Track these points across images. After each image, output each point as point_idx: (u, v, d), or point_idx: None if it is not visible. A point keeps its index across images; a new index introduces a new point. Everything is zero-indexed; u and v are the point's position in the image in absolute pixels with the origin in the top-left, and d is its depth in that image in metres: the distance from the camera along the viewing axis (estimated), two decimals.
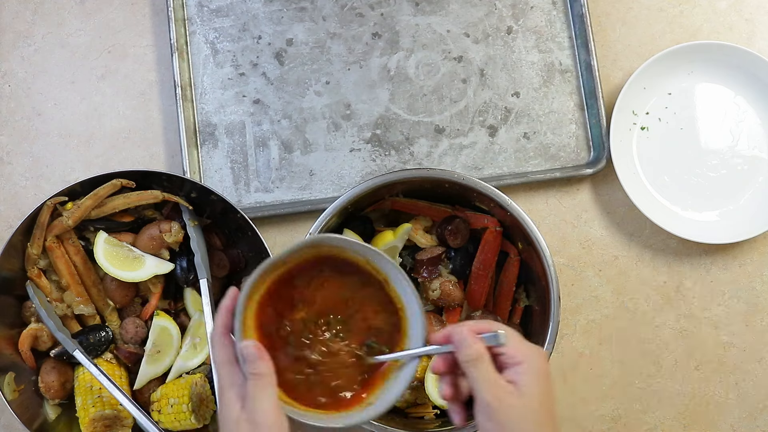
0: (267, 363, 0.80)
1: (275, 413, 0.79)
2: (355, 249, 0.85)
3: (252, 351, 0.80)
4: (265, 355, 0.80)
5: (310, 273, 0.87)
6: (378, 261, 0.85)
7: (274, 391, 0.80)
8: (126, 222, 1.12)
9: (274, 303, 0.86)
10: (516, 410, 0.79)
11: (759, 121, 1.24)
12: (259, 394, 0.79)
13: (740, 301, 1.23)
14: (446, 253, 1.11)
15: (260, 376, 0.79)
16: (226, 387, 0.81)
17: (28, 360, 1.09)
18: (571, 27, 1.26)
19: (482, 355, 0.80)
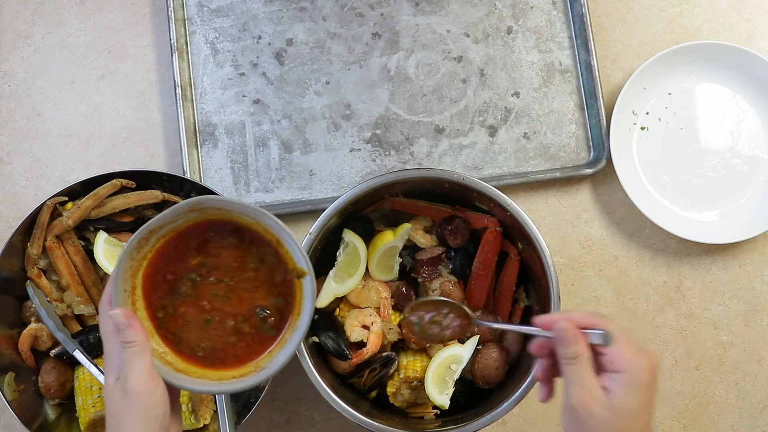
0: (137, 330, 0.79)
1: (146, 381, 0.78)
2: (242, 210, 0.84)
3: (121, 319, 0.79)
4: (136, 324, 0.80)
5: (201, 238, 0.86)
6: (267, 222, 0.84)
7: (146, 359, 0.79)
8: (126, 222, 1.12)
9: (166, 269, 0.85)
10: (599, 421, 0.75)
11: (759, 121, 1.24)
12: (130, 362, 0.78)
13: (740, 301, 1.23)
14: (446, 253, 1.11)
15: (131, 344, 0.79)
16: (107, 356, 0.81)
17: (28, 360, 1.09)
18: (571, 27, 1.26)
19: (581, 356, 0.78)
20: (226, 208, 0.84)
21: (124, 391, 0.78)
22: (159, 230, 0.84)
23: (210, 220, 0.86)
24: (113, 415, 0.78)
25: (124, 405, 0.78)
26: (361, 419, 1.01)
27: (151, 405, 0.78)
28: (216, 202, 0.84)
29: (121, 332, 0.79)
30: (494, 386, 1.09)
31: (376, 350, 1.07)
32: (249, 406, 1.07)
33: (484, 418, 1.01)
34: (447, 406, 1.05)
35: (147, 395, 0.78)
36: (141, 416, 0.78)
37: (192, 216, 0.85)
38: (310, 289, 0.86)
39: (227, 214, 0.85)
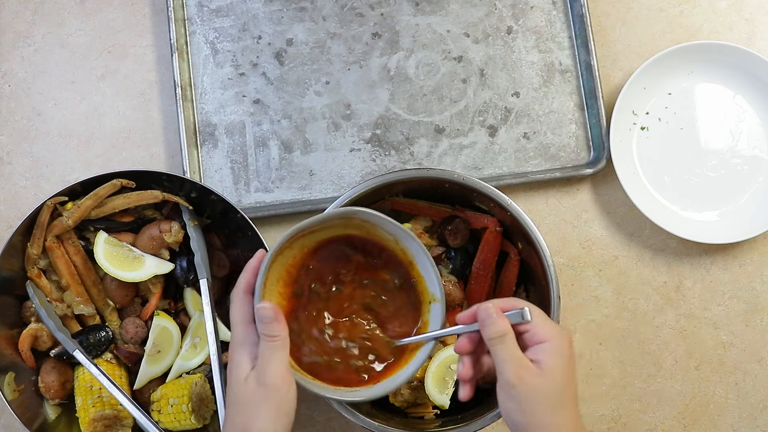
0: (282, 326, 0.81)
1: (284, 376, 0.80)
2: (386, 226, 0.86)
3: (269, 312, 0.81)
4: (281, 319, 0.81)
5: (339, 251, 0.89)
6: (407, 242, 0.86)
7: (286, 355, 0.81)
8: (126, 222, 1.12)
9: (303, 276, 0.88)
10: (537, 389, 0.80)
11: (759, 121, 1.24)
12: (270, 356, 0.80)
13: (740, 301, 1.23)
14: (446, 253, 1.11)
15: (274, 339, 0.80)
16: (239, 345, 0.82)
17: (28, 360, 1.09)
18: (571, 27, 1.26)
19: (507, 332, 0.81)
20: (372, 221, 0.86)
21: (262, 383, 0.79)
22: (306, 231, 0.86)
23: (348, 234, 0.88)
24: (245, 404, 0.80)
25: (259, 395, 0.79)
26: (361, 419, 1.01)
27: (286, 400, 0.80)
28: (365, 214, 0.86)
29: (266, 325, 0.80)
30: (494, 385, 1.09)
31: None
32: None
33: (484, 418, 1.01)
34: (447, 406, 1.05)
35: (284, 390, 0.80)
36: (274, 409, 0.79)
37: (337, 223, 0.87)
38: (439, 315, 0.88)
39: (368, 228, 0.88)
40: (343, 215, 0.86)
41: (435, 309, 0.89)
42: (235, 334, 0.83)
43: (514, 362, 0.80)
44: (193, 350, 1.11)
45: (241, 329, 0.83)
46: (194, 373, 1.10)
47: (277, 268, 0.87)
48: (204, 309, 1.08)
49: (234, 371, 0.82)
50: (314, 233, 0.88)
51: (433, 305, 0.89)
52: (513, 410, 0.81)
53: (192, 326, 1.12)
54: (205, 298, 1.08)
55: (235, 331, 0.83)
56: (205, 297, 1.09)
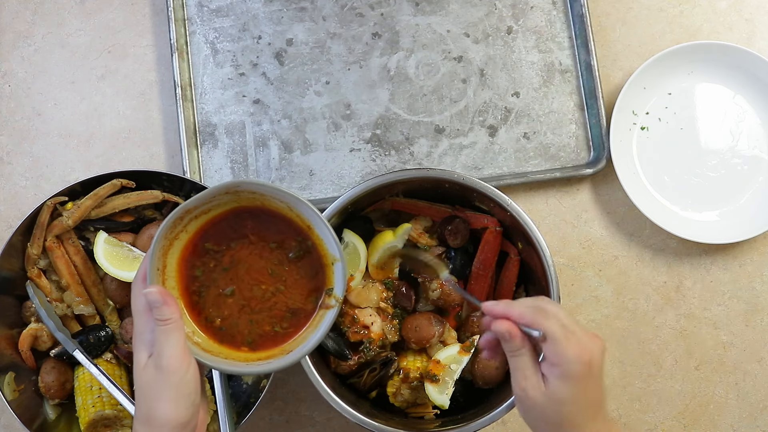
0: (172, 309, 0.81)
1: (180, 358, 0.80)
2: (276, 194, 0.86)
3: (156, 297, 0.80)
4: (171, 301, 0.81)
5: (234, 225, 0.88)
6: (300, 208, 0.86)
7: (180, 336, 0.80)
8: (126, 222, 1.12)
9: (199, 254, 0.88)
10: (538, 406, 0.83)
11: (759, 121, 1.24)
12: (164, 340, 0.80)
13: (740, 301, 1.23)
14: (446, 253, 1.11)
15: (165, 322, 0.80)
16: (138, 334, 0.82)
17: (28, 360, 1.09)
18: (571, 27, 1.26)
19: (521, 349, 0.84)
20: (260, 191, 0.86)
21: (158, 368, 0.79)
22: (194, 210, 0.86)
23: (242, 207, 0.88)
24: (146, 390, 0.80)
25: (158, 381, 0.79)
26: (361, 419, 1.01)
27: (185, 382, 0.80)
28: (251, 185, 0.85)
29: (156, 310, 0.80)
30: (494, 386, 1.09)
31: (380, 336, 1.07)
32: (249, 406, 1.07)
33: (484, 418, 1.01)
34: (447, 406, 1.05)
35: (181, 372, 0.79)
36: (174, 392, 0.79)
37: (226, 199, 0.86)
38: (341, 274, 0.88)
39: (260, 199, 0.87)
40: (228, 188, 0.85)
41: (338, 269, 0.88)
42: (135, 324, 0.83)
43: (521, 376, 0.84)
44: None
45: (140, 319, 0.82)
46: None
47: (175, 253, 0.86)
48: None
49: (135, 360, 0.82)
50: (207, 213, 0.87)
51: (335, 266, 0.89)
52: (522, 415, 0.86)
53: None
54: None
55: (135, 322, 0.83)
56: None
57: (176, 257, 0.87)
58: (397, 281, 1.10)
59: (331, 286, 0.89)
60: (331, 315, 0.89)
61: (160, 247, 0.84)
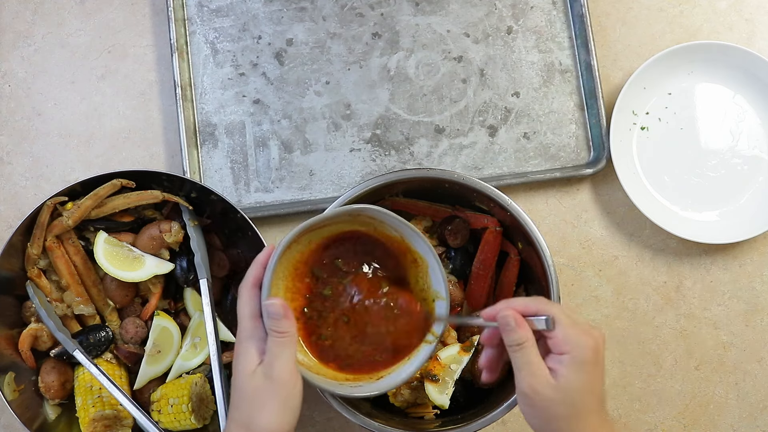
0: (290, 323, 0.82)
1: (291, 372, 0.81)
2: (393, 223, 0.87)
3: (277, 309, 0.81)
4: (290, 315, 0.82)
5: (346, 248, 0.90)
6: (413, 240, 0.87)
7: (294, 351, 0.82)
8: (126, 222, 1.12)
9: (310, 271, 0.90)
10: (551, 402, 0.79)
11: (759, 121, 1.24)
12: (278, 352, 0.80)
13: (740, 301, 1.23)
14: (446, 253, 1.11)
15: (282, 335, 0.81)
16: (246, 339, 0.83)
17: (28, 360, 1.09)
18: (571, 27, 1.26)
19: (525, 341, 0.81)
20: (379, 218, 0.88)
21: (269, 377, 0.80)
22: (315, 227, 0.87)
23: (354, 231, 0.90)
24: (251, 396, 0.80)
25: (267, 389, 0.80)
26: (361, 419, 1.01)
27: (292, 395, 0.81)
28: (373, 212, 0.87)
29: (275, 321, 0.81)
30: (494, 386, 1.09)
31: None
32: None
33: (484, 418, 1.01)
34: (447, 406, 1.05)
35: (290, 385, 0.81)
36: (281, 403, 0.80)
37: (344, 219, 0.89)
38: (443, 312, 0.90)
39: (375, 224, 0.89)
40: (351, 212, 0.87)
41: (439, 306, 0.89)
42: (242, 328, 0.84)
43: (528, 372, 0.80)
44: (193, 350, 1.11)
45: (248, 323, 0.83)
46: (194, 373, 1.10)
47: (284, 264, 0.88)
48: (204, 309, 1.08)
49: (241, 365, 0.82)
50: (321, 229, 0.89)
51: (437, 303, 0.90)
52: (528, 414, 0.82)
53: (192, 326, 1.12)
54: (205, 298, 1.08)
55: (242, 325, 0.84)
56: (205, 297, 1.09)
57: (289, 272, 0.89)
58: None
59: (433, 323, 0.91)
60: (428, 350, 0.90)
61: (280, 259, 0.85)
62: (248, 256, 1.14)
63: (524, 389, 0.80)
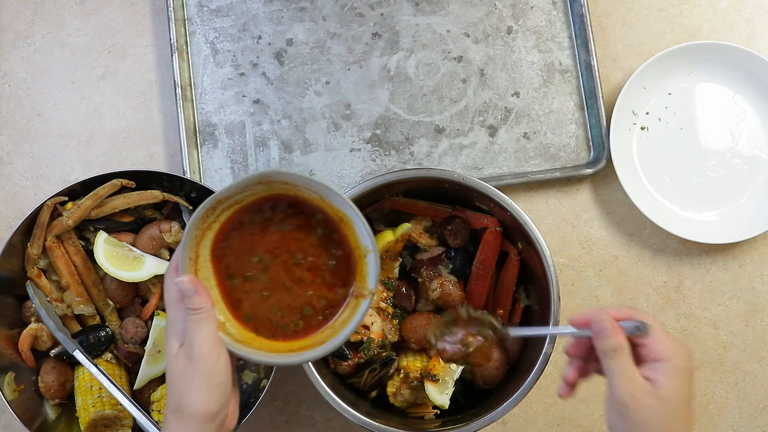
0: (203, 297, 0.80)
1: (211, 347, 0.79)
2: (308, 185, 0.85)
3: (187, 286, 0.80)
4: (203, 291, 0.81)
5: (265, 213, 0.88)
6: (332, 198, 0.86)
7: (211, 326, 0.80)
8: (126, 222, 1.12)
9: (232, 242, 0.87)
10: (651, 411, 0.76)
11: (759, 121, 1.24)
12: (195, 329, 0.79)
13: (740, 301, 1.23)
14: (446, 253, 1.11)
15: (197, 311, 0.80)
16: (170, 323, 0.82)
17: (28, 360, 1.09)
18: (571, 27, 1.26)
19: (622, 348, 0.78)
20: (293, 182, 0.85)
21: (189, 357, 0.79)
22: (225, 201, 0.85)
23: (273, 195, 0.87)
24: (177, 379, 0.80)
25: (189, 370, 0.79)
26: (361, 419, 1.01)
27: (216, 371, 0.80)
28: (285, 176, 0.85)
29: (187, 299, 0.80)
30: (494, 386, 1.09)
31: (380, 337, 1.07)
32: (249, 406, 1.07)
33: (484, 418, 1.01)
34: (447, 406, 1.05)
35: (212, 361, 0.79)
36: (205, 381, 0.79)
37: (259, 189, 0.86)
38: (373, 266, 0.87)
39: (292, 189, 0.86)
40: (262, 178, 0.85)
41: (370, 260, 0.87)
42: (167, 314, 0.83)
43: (627, 379, 0.77)
44: None
45: (171, 308, 0.82)
46: None
47: (207, 244, 0.86)
48: None
49: (167, 349, 0.82)
50: (240, 203, 0.87)
51: (368, 257, 0.88)
52: (619, 428, 0.78)
53: None
54: None
55: (167, 312, 0.83)
56: None
57: (209, 247, 0.87)
58: (397, 281, 1.11)
59: (364, 276, 0.88)
60: (365, 305, 0.87)
61: (192, 237, 0.84)
62: None
63: (622, 396, 0.76)
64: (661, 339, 0.78)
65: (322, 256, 0.89)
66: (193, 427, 0.78)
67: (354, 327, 0.87)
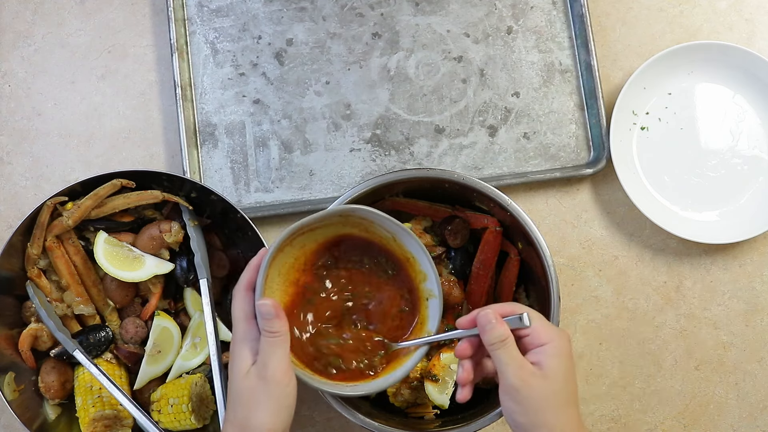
0: (283, 323, 0.83)
1: (285, 371, 0.81)
2: (384, 224, 0.87)
3: (269, 309, 0.82)
4: (282, 315, 0.83)
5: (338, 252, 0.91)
6: (404, 239, 0.87)
7: (287, 351, 0.82)
8: (126, 222, 1.12)
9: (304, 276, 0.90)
10: (540, 391, 0.82)
11: (759, 121, 1.24)
12: (271, 351, 0.81)
13: (740, 301, 1.23)
14: (446, 253, 1.11)
15: (275, 334, 0.82)
16: (240, 340, 0.84)
17: (28, 360, 1.09)
18: (571, 27, 1.26)
19: (507, 337, 0.84)
20: (370, 218, 0.88)
21: (262, 377, 0.81)
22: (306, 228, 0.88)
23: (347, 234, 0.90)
24: (246, 398, 0.81)
25: (261, 389, 0.81)
26: (361, 419, 1.01)
27: (285, 394, 0.81)
28: (364, 212, 0.88)
29: (267, 322, 0.82)
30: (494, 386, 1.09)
31: None
32: None
33: (484, 418, 1.01)
34: (447, 406, 1.05)
35: (284, 385, 0.81)
36: (275, 403, 0.81)
37: (336, 220, 0.89)
38: (436, 310, 0.90)
39: (366, 225, 0.89)
40: (342, 212, 0.88)
41: (433, 305, 0.90)
42: (236, 330, 0.85)
43: (516, 365, 0.83)
44: (194, 350, 1.11)
45: (242, 325, 0.84)
46: (194, 373, 1.10)
47: (278, 266, 0.88)
48: (204, 309, 1.08)
49: (235, 366, 0.83)
50: (314, 231, 0.89)
51: (430, 301, 0.90)
52: (516, 412, 0.82)
53: (192, 326, 1.12)
54: (205, 298, 1.08)
55: (236, 328, 0.85)
56: (205, 297, 1.09)
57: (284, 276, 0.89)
58: None
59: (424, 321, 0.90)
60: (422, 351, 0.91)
61: (271, 259, 0.85)
62: (248, 256, 1.14)
63: (514, 382, 0.82)
64: (541, 327, 0.85)
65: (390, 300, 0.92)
66: None
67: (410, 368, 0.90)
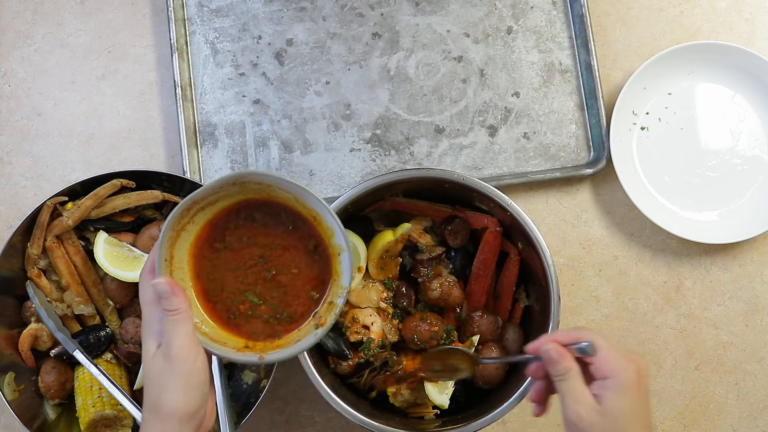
0: (181, 299, 0.81)
1: (189, 348, 0.80)
2: (280, 184, 0.86)
3: (164, 287, 0.81)
4: (179, 292, 0.81)
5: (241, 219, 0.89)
6: (307, 198, 0.86)
7: (188, 326, 0.81)
8: (126, 222, 1.12)
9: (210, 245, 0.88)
10: (595, 428, 0.80)
11: (759, 121, 1.24)
12: (173, 330, 0.80)
13: (740, 301, 1.23)
14: (446, 253, 1.11)
15: (174, 312, 0.80)
16: (146, 324, 0.83)
17: (28, 360, 1.09)
18: (571, 27, 1.26)
19: (569, 371, 0.82)
20: (267, 182, 0.86)
21: (167, 357, 0.80)
22: (201, 201, 0.86)
23: (249, 199, 0.88)
24: (156, 380, 0.80)
25: (167, 371, 0.80)
26: (361, 419, 1.01)
27: (194, 371, 0.80)
28: (257, 176, 0.86)
29: (164, 300, 0.81)
30: (494, 386, 1.09)
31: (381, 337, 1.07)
32: (249, 406, 1.07)
33: (484, 418, 1.01)
34: (447, 406, 1.05)
35: (190, 361, 0.80)
36: (183, 381, 0.80)
37: (233, 190, 0.87)
38: (348, 265, 0.88)
39: (266, 190, 0.87)
40: (236, 179, 0.86)
41: (344, 260, 0.88)
42: (143, 316, 0.83)
43: (572, 399, 0.81)
44: None
45: (147, 309, 0.83)
46: None
47: (185, 245, 0.87)
48: None
49: (144, 350, 0.82)
50: (213, 204, 0.88)
51: (342, 256, 0.89)
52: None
53: None
54: None
55: (143, 313, 0.84)
56: None
57: (186, 248, 0.88)
58: (397, 281, 1.10)
59: (338, 276, 0.89)
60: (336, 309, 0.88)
61: (167, 238, 0.85)
62: None
63: (570, 416, 0.81)
64: (607, 357, 0.82)
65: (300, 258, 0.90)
66: (172, 427, 0.79)
67: (329, 326, 0.87)
